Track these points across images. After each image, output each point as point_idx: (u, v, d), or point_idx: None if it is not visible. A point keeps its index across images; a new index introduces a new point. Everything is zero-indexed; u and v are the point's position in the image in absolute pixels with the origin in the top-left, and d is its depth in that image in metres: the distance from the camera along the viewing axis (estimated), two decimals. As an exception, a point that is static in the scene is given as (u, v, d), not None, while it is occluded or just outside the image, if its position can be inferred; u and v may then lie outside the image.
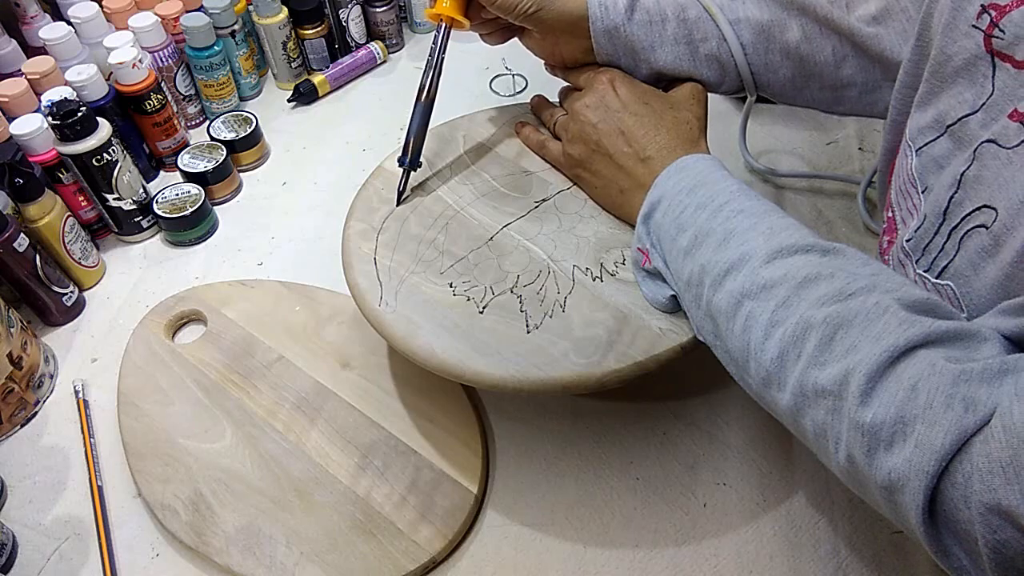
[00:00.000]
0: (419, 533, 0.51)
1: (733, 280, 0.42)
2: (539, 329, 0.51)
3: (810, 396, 0.37)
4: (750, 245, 0.42)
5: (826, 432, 0.37)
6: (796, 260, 0.41)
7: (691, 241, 0.46)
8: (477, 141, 0.65)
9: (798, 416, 0.38)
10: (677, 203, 0.48)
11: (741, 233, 0.43)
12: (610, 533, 0.52)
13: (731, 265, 0.42)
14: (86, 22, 0.73)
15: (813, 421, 0.37)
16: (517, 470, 0.56)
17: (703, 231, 0.45)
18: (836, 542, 0.51)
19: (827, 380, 0.36)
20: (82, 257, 0.69)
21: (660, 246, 0.49)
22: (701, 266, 0.44)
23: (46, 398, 0.62)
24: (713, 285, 0.43)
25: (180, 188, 0.74)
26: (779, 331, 0.39)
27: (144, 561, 0.53)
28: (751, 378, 0.42)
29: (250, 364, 0.61)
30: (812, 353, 0.37)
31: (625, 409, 0.59)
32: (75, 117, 0.64)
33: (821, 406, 0.36)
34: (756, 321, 0.40)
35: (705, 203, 0.46)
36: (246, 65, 0.86)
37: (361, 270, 0.55)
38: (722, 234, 0.44)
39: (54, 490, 0.57)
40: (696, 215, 0.46)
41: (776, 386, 0.39)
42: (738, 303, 0.41)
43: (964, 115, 0.40)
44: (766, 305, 0.40)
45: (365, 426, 0.57)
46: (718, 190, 0.47)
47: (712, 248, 0.44)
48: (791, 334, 0.38)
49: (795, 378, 0.38)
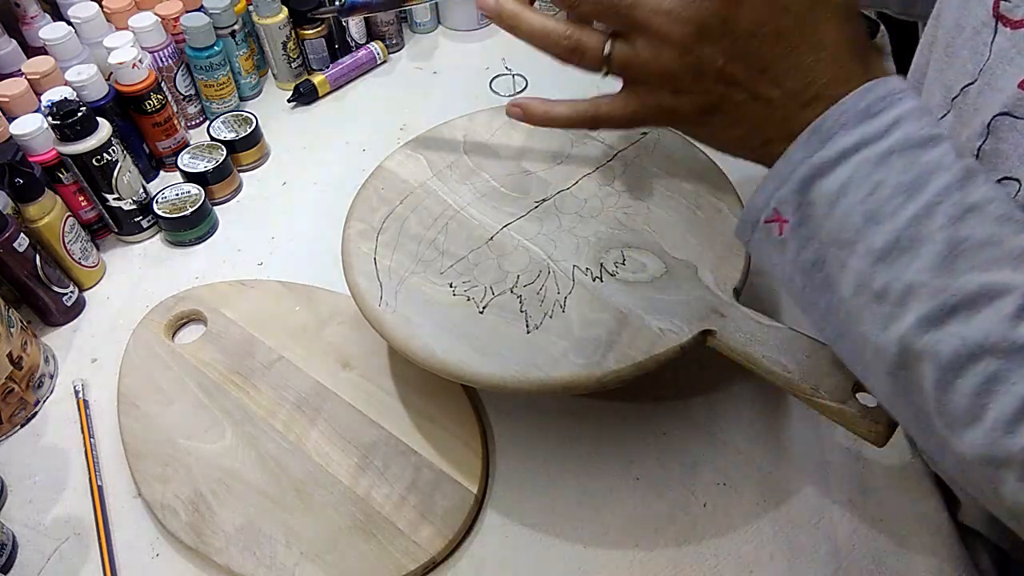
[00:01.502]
0: (419, 533, 0.51)
1: (966, 323, 0.31)
2: (539, 329, 0.51)
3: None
4: (994, 276, 0.31)
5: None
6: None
7: (890, 243, 0.33)
8: (477, 141, 0.65)
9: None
10: (865, 177, 0.34)
11: (976, 250, 0.31)
12: (610, 533, 0.52)
13: (963, 300, 0.31)
14: (86, 22, 0.73)
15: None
16: (517, 470, 0.56)
17: (911, 236, 0.33)
18: (836, 542, 0.51)
19: None
20: (82, 257, 0.69)
21: (826, 223, 0.35)
22: (907, 284, 0.33)
23: (46, 398, 0.62)
24: (929, 318, 0.32)
25: (180, 188, 0.74)
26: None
27: (144, 561, 0.53)
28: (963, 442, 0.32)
29: (250, 364, 0.61)
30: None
31: (625, 409, 0.59)
32: (75, 117, 0.64)
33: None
34: (1006, 390, 0.30)
35: (912, 186, 0.33)
36: (246, 65, 0.86)
37: (361, 270, 0.55)
38: (945, 247, 0.32)
39: (54, 490, 0.57)
40: (899, 205, 0.33)
41: (1016, 475, 0.31)
42: (973, 356, 0.31)
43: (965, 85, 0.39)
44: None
45: (365, 426, 0.57)
46: (930, 162, 0.33)
47: (929, 265, 0.32)
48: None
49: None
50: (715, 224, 0.56)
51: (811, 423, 0.56)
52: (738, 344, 0.48)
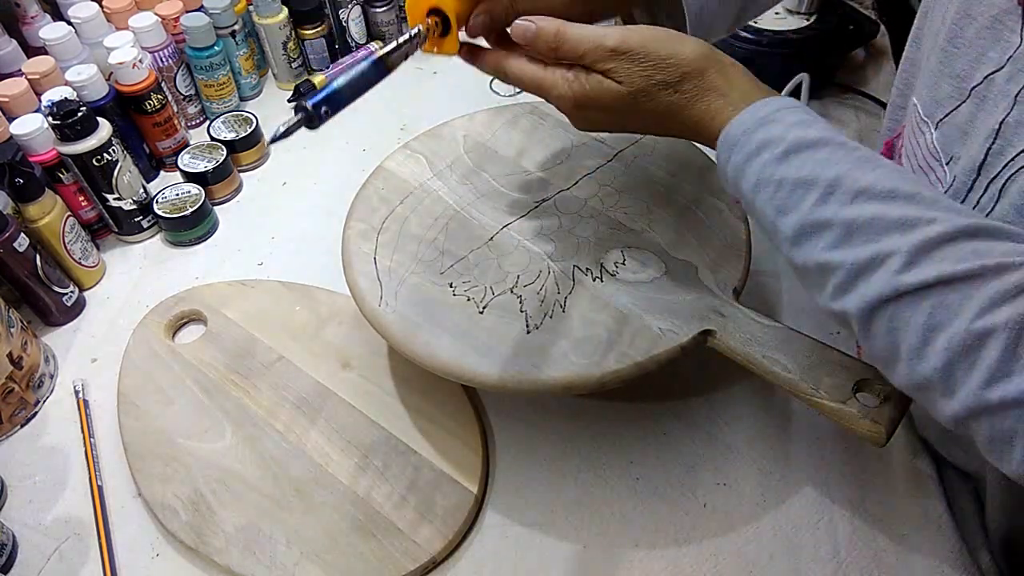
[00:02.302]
0: (419, 533, 0.51)
1: (867, 284, 0.37)
2: (539, 329, 0.51)
3: (992, 407, 0.33)
4: (882, 244, 0.36)
5: (1012, 439, 0.33)
6: (947, 254, 0.35)
7: (797, 230, 0.39)
8: (477, 141, 0.65)
9: (970, 422, 0.35)
10: (767, 177, 0.40)
11: (866, 226, 0.37)
12: (610, 533, 0.52)
13: (861, 267, 0.37)
14: (86, 22, 0.73)
15: (992, 427, 0.34)
16: (517, 470, 0.56)
17: (812, 221, 0.39)
18: (836, 542, 0.51)
19: (1018, 391, 0.32)
20: (82, 257, 0.69)
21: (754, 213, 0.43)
22: (817, 262, 0.39)
23: (46, 398, 0.62)
24: (840, 287, 0.38)
25: (180, 188, 0.74)
26: (942, 339, 0.34)
27: (144, 561, 0.53)
28: (895, 376, 0.38)
29: (250, 364, 0.61)
30: (994, 365, 0.33)
31: (625, 409, 0.59)
32: (75, 117, 0.64)
33: (1008, 416, 0.33)
34: (907, 326, 0.35)
35: (808, 181, 0.39)
36: (246, 65, 0.86)
37: (361, 270, 0.55)
38: (841, 227, 0.38)
39: (54, 490, 0.57)
40: (799, 198, 0.39)
41: (939, 392, 0.35)
42: (876, 308, 0.37)
43: (989, 73, 0.40)
44: (916, 307, 0.35)
45: (365, 426, 0.57)
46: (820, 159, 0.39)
47: (830, 244, 0.38)
48: (960, 342, 0.34)
49: (970, 390, 0.34)
50: (715, 224, 0.56)
51: (811, 423, 0.56)
52: (738, 344, 0.48)
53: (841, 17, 0.82)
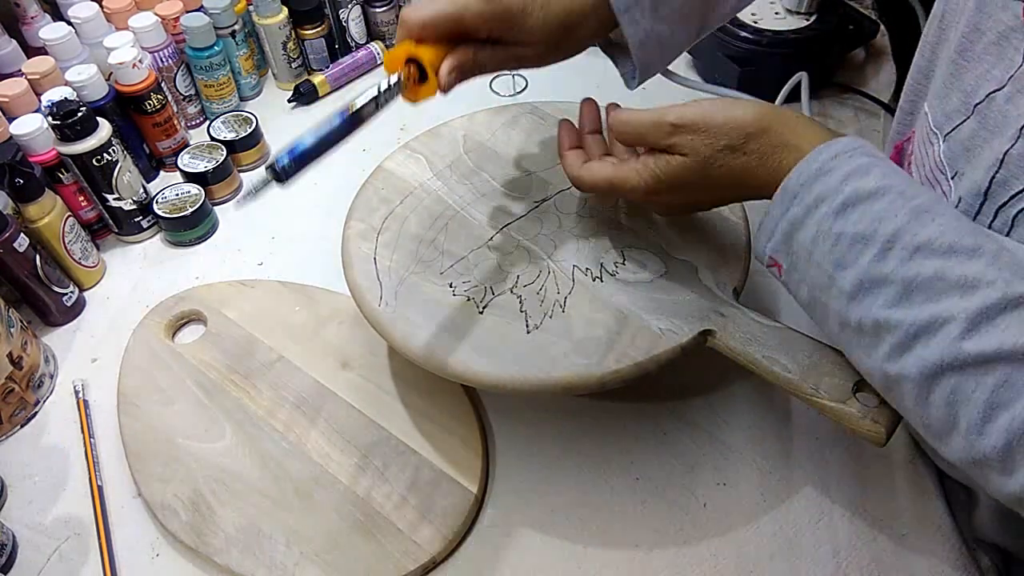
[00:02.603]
0: (419, 533, 0.51)
1: (925, 347, 0.36)
2: (539, 329, 0.51)
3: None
4: (942, 305, 0.35)
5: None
6: (1009, 323, 0.34)
7: (856, 286, 0.38)
8: (477, 141, 0.65)
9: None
10: (826, 229, 0.39)
11: (926, 285, 0.36)
12: (610, 533, 0.52)
13: (920, 329, 0.36)
14: (86, 22, 0.73)
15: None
16: (517, 470, 0.56)
17: (871, 278, 0.38)
18: (836, 542, 0.51)
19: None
20: (82, 257, 0.69)
21: (808, 269, 0.41)
22: (875, 320, 0.38)
23: (46, 398, 0.62)
24: (898, 347, 0.37)
25: (180, 188, 0.74)
26: (1004, 418, 0.33)
27: (144, 561, 0.53)
28: (949, 449, 0.37)
29: (250, 364, 0.61)
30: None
31: (625, 409, 0.59)
32: (75, 117, 0.64)
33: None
34: (967, 399, 0.35)
35: (867, 235, 0.38)
36: (246, 65, 0.86)
37: (361, 270, 0.55)
38: (900, 285, 0.37)
39: (54, 490, 0.57)
40: (858, 253, 0.38)
41: (997, 471, 0.35)
42: (935, 375, 0.35)
43: (991, 91, 0.40)
44: (980, 381, 0.34)
45: (365, 426, 0.57)
46: (879, 212, 0.38)
47: (889, 302, 0.37)
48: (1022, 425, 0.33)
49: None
50: (715, 224, 0.56)
51: (811, 423, 0.56)
52: (738, 344, 0.48)
53: (841, 17, 0.82)
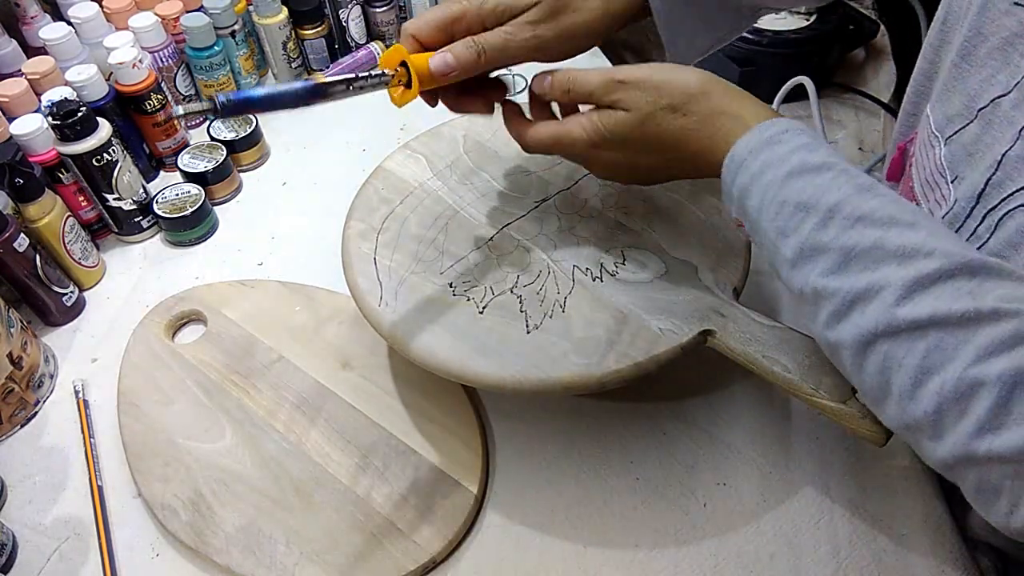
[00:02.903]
0: (419, 533, 0.51)
1: (861, 315, 0.36)
2: (539, 329, 0.51)
3: (980, 459, 0.33)
4: (879, 274, 0.36)
5: (999, 492, 0.34)
6: (943, 291, 0.34)
7: (797, 253, 0.39)
8: (477, 141, 0.65)
9: (957, 469, 0.35)
10: (771, 198, 0.40)
11: (864, 253, 0.36)
12: (610, 533, 0.52)
13: (856, 297, 0.36)
14: (86, 22, 0.73)
15: (979, 478, 0.34)
16: (517, 470, 0.56)
17: (811, 245, 0.38)
18: (836, 542, 0.51)
19: (1005, 447, 0.32)
20: (82, 257, 0.69)
21: (756, 235, 0.43)
22: (814, 288, 0.38)
23: (46, 398, 0.62)
24: (835, 315, 0.38)
25: (180, 188, 0.74)
26: (934, 382, 0.34)
27: (144, 561, 0.53)
28: (884, 414, 0.38)
29: (250, 364, 0.61)
30: (984, 416, 0.33)
31: (625, 409, 0.59)
32: (75, 117, 0.64)
33: (994, 470, 0.33)
34: (900, 365, 0.35)
35: (809, 204, 0.38)
36: (246, 65, 0.86)
37: (361, 270, 0.55)
38: (839, 254, 0.37)
39: (54, 490, 0.57)
40: (800, 221, 0.39)
41: (928, 435, 0.35)
42: (870, 342, 0.36)
43: (996, 96, 0.40)
44: (911, 347, 0.34)
45: (365, 426, 0.57)
46: (822, 184, 0.39)
47: (827, 270, 0.38)
48: (952, 390, 0.33)
49: (959, 438, 0.34)
50: (715, 224, 0.56)
51: (811, 423, 0.56)
52: (738, 344, 0.48)
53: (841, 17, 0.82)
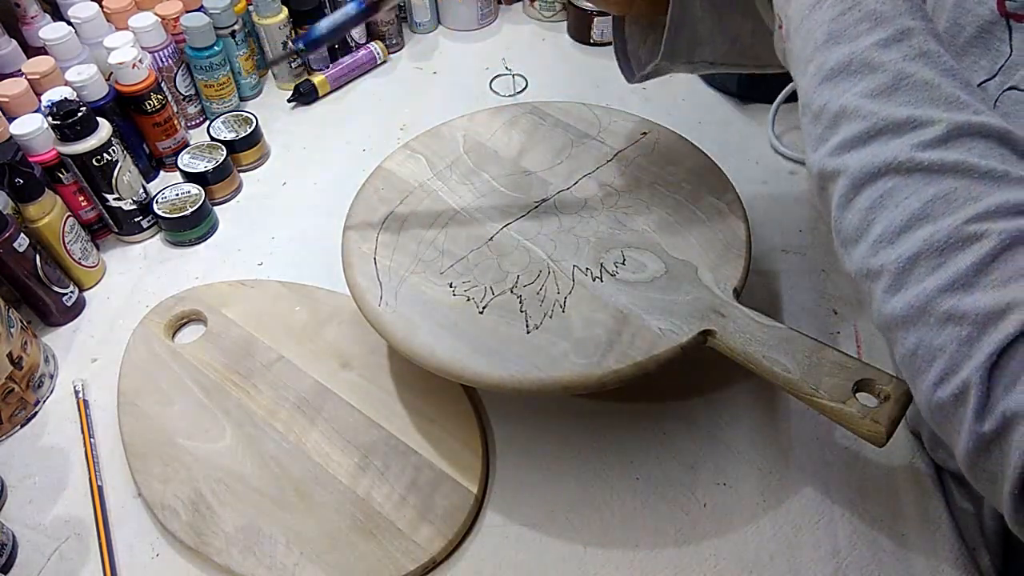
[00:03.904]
0: (419, 533, 0.51)
1: (883, 145, 0.33)
2: (539, 329, 0.51)
3: (935, 318, 0.31)
4: (925, 111, 0.33)
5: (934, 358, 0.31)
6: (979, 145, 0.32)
7: (843, 64, 0.35)
8: (477, 141, 0.65)
9: (901, 327, 0.32)
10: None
11: (918, 86, 0.33)
12: (610, 533, 0.52)
13: (890, 125, 0.33)
14: (86, 22, 0.73)
15: (922, 341, 0.31)
16: (517, 470, 0.56)
17: (864, 60, 0.35)
18: (836, 542, 0.51)
19: (971, 308, 0.30)
20: (82, 257, 0.69)
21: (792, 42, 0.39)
22: (842, 106, 0.35)
23: (46, 398, 0.62)
24: (853, 140, 0.34)
25: (180, 188, 0.74)
26: (926, 230, 0.31)
27: (144, 561, 0.53)
28: (852, 257, 0.35)
29: (250, 364, 0.61)
30: (963, 271, 0.30)
31: (625, 409, 0.59)
32: (75, 117, 0.64)
33: (946, 332, 0.30)
34: (896, 204, 0.32)
35: (883, 16, 0.35)
36: (246, 65, 0.86)
37: (361, 270, 0.55)
38: (891, 78, 0.34)
39: (54, 490, 0.57)
40: (864, 30, 0.35)
41: (886, 285, 0.33)
42: (877, 175, 0.33)
43: (981, 81, 0.40)
44: (919, 191, 0.32)
45: (365, 426, 0.57)
46: (906, 8, 0.35)
47: (869, 91, 0.34)
48: (942, 239, 0.31)
49: (923, 291, 0.31)
50: (715, 224, 0.56)
51: (811, 423, 0.56)
52: (738, 344, 0.48)
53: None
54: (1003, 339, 0.29)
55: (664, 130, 0.64)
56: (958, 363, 0.30)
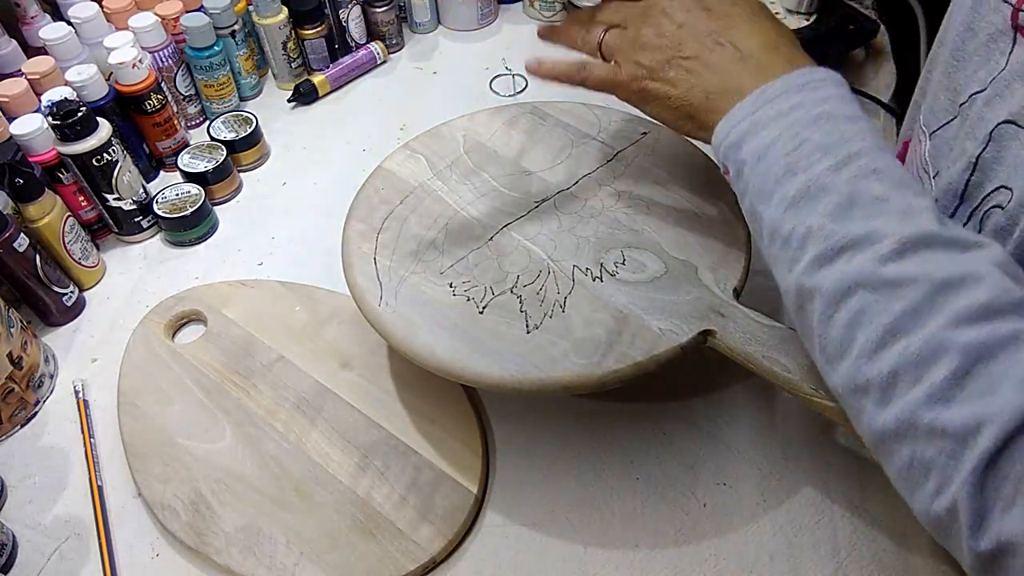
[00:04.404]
0: (419, 533, 0.51)
1: (848, 262, 0.35)
2: (539, 329, 0.51)
3: (921, 431, 0.32)
4: (879, 223, 0.35)
5: (929, 472, 0.32)
6: (934, 256, 0.34)
7: (801, 191, 0.38)
8: (477, 141, 0.65)
9: (893, 441, 0.34)
10: (793, 135, 0.39)
11: (869, 204, 0.36)
12: (610, 533, 0.52)
13: (850, 242, 0.36)
14: (86, 22, 0.73)
15: (914, 455, 0.33)
16: (517, 470, 0.56)
17: (820, 185, 0.37)
18: (836, 542, 0.51)
19: (950, 422, 0.31)
20: (82, 257, 0.69)
21: (752, 176, 0.41)
22: (808, 228, 0.37)
23: (46, 398, 0.62)
24: (821, 258, 0.37)
25: (180, 188, 0.74)
26: (900, 344, 0.33)
27: (144, 561, 0.53)
28: (836, 374, 0.36)
29: (250, 364, 0.61)
30: (939, 385, 0.32)
31: (625, 409, 0.59)
32: (75, 117, 0.64)
33: (933, 445, 0.32)
34: (870, 321, 0.34)
35: (830, 146, 0.38)
36: (246, 65, 0.86)
37: (361, 270, 0.55)
38: (846, 197, 0.37)
39: (54, 490, 0.57)
40: (815, 160, 0.38)
41: (874, 400, 0.34)
42: (849, 291, 0.35)
43: (974, 92, 0.40)
44: (888, 306, 0.34)
45: (365, 426, 0.57)
46: (849, 132, 0.39)
47: (828, 211, 0.37)
48: (915, 353, 0.32)
49: (907, 405, 0.33)
50: (715, 224, 0.56)
51: (811, 423, 0.56)
52: (738, 344, 0.48)
53: (841, 17, 0.82)
54: (982, 454, 0.30)
55: (664, 130, 0.64)
56: (949, 477, 0.31)
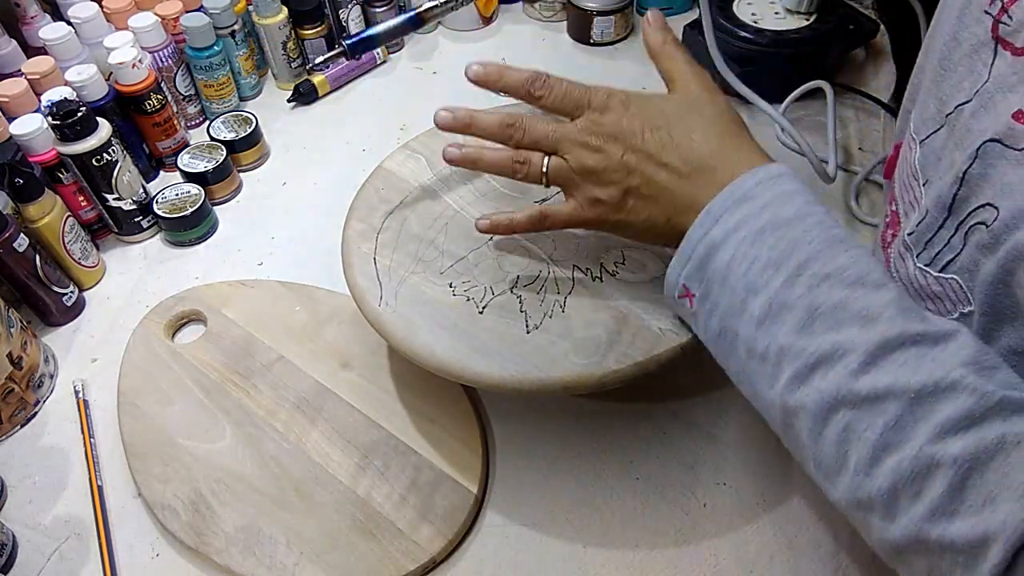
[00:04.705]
0: (419, 533, 0.51)
1: (823, 378, 0.36)
2: (539, 329, 0.51)
3: (933, 546, 0.32)
4: (843, 335, 0.36)
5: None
6: (904, 359, 0.34)
7: (764, 311, 0.39)
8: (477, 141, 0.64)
9: (908, 554, 0.34)
10: (742, 253, 0.40)
11: (829, 313, 0.37)
12: (610, 533, 0.52)
13: (820, 358, 0.36)
14: (86, 22, 0.73)
15: (932, 566, 0.33)
16: (517, 470, 0.56)
17: (780, 302, 0.38)
18: (836, 542, 0.51)
19: (959, 536, 0.31)
20: (82, 257, 0.69)
21: (720, 296, 0.42)
22: (780, 347, 0.38)
23: (46, 398, 0.62)
24: (797, 376, 0.37)
25: (180, 188, 0.74)
26: (892, 460, 0.33)
27: (144, 561, 0.53)
28: (836, 489, 0.36)
29: (250, 364, 0.61)
30: (939, 501, 0.32)
31: (625, 409, 0.59)
32: (75, 117, 0.64)
33: (947, 559, 0.32)
34: (859, 438, 0.34)
35: (779, 260, 0.39)
36: (246, 65, 0.86)
37: (361, 270, 0.55)
38: (805, 311, 0.37)
39: (54, 490, 0.57)
40: (769, 277, 0.39)
41: (879, 516, 0.34)
42: (831, 408, 0.35)
43: (960, 103, 0.40)
44: (871, 421, 0.34)
45: (365, 426, 0.57)
46: (794, 239, 0.39)
47: (793, 328, 0.37)
48: (909, 469, 0.33)
49: (912, 522, 0.33)
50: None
51: (811, 423, 0.56)
52: (738, 344, 0.48)
53: (841, 17, 0.81)
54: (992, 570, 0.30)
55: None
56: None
